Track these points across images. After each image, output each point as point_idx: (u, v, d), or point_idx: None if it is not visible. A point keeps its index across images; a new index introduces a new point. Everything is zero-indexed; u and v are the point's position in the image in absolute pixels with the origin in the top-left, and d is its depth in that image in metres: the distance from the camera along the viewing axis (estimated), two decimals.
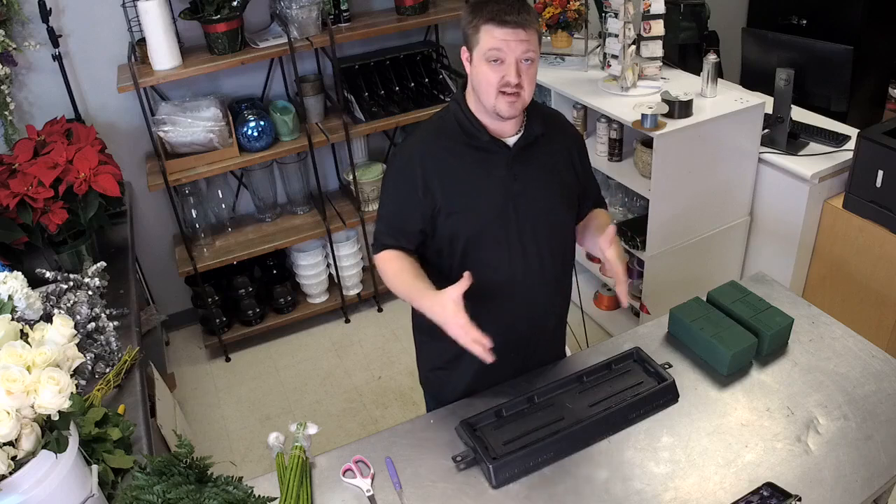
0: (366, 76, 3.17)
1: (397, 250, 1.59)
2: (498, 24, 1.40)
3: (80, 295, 1.89)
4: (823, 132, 2.70)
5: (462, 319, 1.39)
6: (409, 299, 1.55)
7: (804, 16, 3.89)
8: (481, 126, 1.53)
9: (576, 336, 2.72)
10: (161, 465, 1.28)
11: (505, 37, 1.40)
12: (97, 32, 2.76)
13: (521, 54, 1.42)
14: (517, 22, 1.39)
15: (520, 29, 1.40)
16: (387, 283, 1.61)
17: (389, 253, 1.59)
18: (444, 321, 1.42)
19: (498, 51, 1.42)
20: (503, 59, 1.42)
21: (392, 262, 1.58)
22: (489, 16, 1.41)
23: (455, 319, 1.39)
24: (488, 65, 1.44)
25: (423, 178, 1.52)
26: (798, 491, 1.38)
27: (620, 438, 1.54)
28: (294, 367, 3.21)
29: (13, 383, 1.15)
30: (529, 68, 1.45)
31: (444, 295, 1.42)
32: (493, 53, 1.42)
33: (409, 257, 1.59)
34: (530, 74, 1.46)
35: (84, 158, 2.15)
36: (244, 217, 3.35)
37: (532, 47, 1.43)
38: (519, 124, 1.56)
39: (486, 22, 1.42)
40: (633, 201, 3.02)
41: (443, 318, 1.42)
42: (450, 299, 1.40)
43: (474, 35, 1.45)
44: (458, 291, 1.41)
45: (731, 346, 1.66)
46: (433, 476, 1.49)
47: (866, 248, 2.49)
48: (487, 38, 1.42)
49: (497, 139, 1.54)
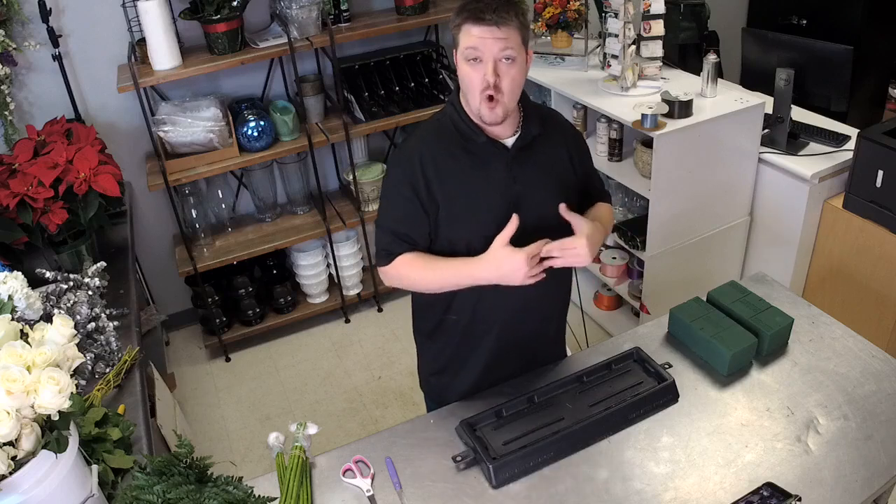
0: (366, 76, 3.17)
1: (412, 252, 1.56)
2: (475, 22, 1.39)
3: (80, 295, 1.89)
4: (823, 132, 2.70)
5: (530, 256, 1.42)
6: (459, 277, 1.52)
7: (804, 16, 3.89)
8: (477, 128, 1.51)
9: (576, 336, 2.72)
10: (161, 465, 1.28)
11: (481, 34, 1.38)
12: (97, 32, 2.76)
13: (498, 53, 1.39)
14: (493, 20, 1.37)
15: (495, 27, 1.37)
16: (415, 281, 1.57)
17: (406, 256, 1.55)
18: (514, 268, 1.43)
19: (474, 49, 1.40)
20: (481, 58, 1.40)
21: (415, 261, 1.54)
22: (467, 14, 1.40)
23: (526, 260, 1.42)
24: (468, 64, 1.42)
25: (425, 181, 1.50)
26: (798, 491, 1.38)
27: (620, 438, 1.54)
28: (294, 367, 3.21)
29: (13, 383, 1.15)
30: (510, 68, 1.42)
31: (497, 248, 1.44)
32: (471, 52, 1.40)
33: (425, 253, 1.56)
34: (511, 74, 1.42)
35: (84, 158, 2.15)
36: (244, 217, 3.35)
37: (511, 45, 1.40)
38: (516, 125, 1.55)
39: (465, 20, 1.41)
40: (633, 201, 3.02)
41: (512, 266, 1.43)
42: (505, 247, 1.43)
43: (457, 35, 1.44)
44: (506, 237, 1.44)
45: (731, 346, 1.66)
46: (433, 476, 1.49)
47: (866, 248, 2.49)
48: (465, 37, 1.41)
49: (495, 141, 1.53)
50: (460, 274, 1.51)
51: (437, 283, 1.56)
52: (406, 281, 1.59)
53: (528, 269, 1.43)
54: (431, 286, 1.58)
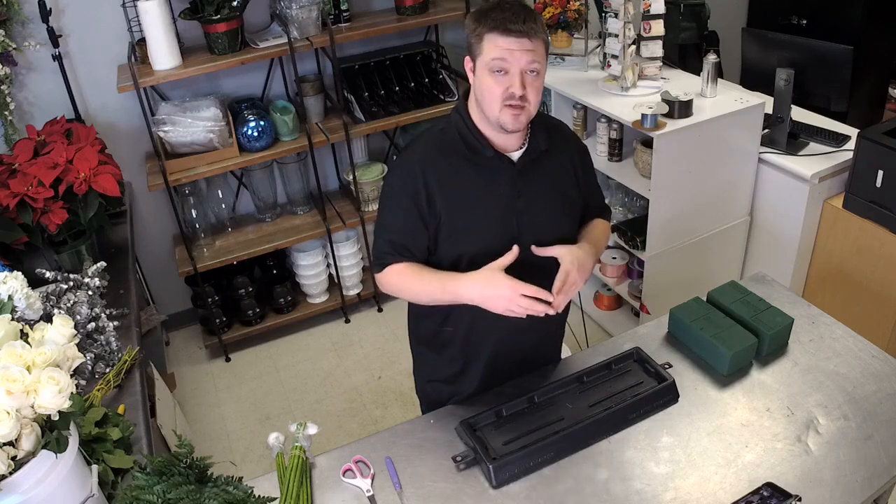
0: (366, 76, 3.17)
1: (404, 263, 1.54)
2: (502, 33, 1.36)
3: (80, 295, 1.89)
4: (823, 132, 2.70)
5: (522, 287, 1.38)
6: (444, 293, 1.48)
7: (804, 16, 3.89)
8: (485, 140, 1.48)
9: (576, 336, 2.72)
10: (161, 465, 1.28)
11: (510, 46, 1.36)
12: (97, 32, 2.76)
13: (526, 65, 1.37)
14: (523, 31, 1.35)
15: (525, 38, 1.35)
16: (404, 292, 1.55)
17: (397, 266, 1.53)
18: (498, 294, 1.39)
19: (502, 61, 1.37)
20: (507, 70, 1.38)
21: (406, 270, 1.52)
22: (493, 24, 1.36)
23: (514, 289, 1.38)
24: (492, 75, 1.39)
25: (427, 192, 1.47)
26: (798, 491, 1.38)
27: (620, 438, 1.54)
28: (294, 367, 3.21)
29: (13, 383, 1.15)
30: (535, 80, 1.40)
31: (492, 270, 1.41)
32: (498, 63, 1.37)
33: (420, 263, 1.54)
34: (536, 86, 1.40)
35: (84, 158, 2.15)
36: (244, 217, 3.35)
37: (538, 58, 1.38)
38: (523, 138, 1.52)
39: (490, 31, 1.37)
40: (633, 201, 3.02)
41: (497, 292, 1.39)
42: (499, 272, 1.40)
43: (478, 44, 1.40)
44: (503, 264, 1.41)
45: (731, 346, 1.66)
46: (433, 476, 1.49)
47: (866, 248, 2.49)
48: (491, 48, 1.38)
49: (501, 154, 1.50)
50: (445, 289, 1.48)
51: (424, 296, 1.54)
52: (395, 290, 1.57)
53: (510, 300, 1.39)
54: (420, 298, 1.56)
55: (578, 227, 1.66)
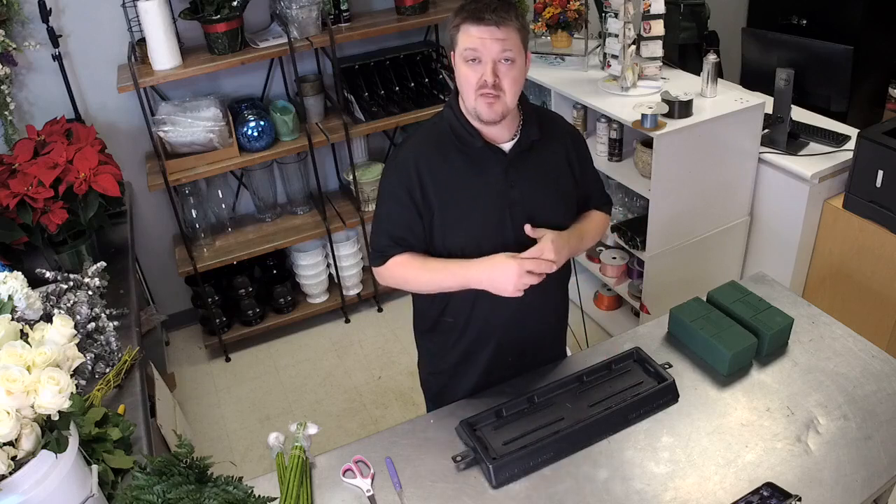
0: (366, 76, 3.17)
1: (407, 253, 1.55)
2: (474, 23, 1.38)
3: (80, 295, 1.89)
4: (823, 132, 2.70)
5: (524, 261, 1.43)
6: (452, 279, 1.51)
7: (804, 16, 3.89)
8: (475, 131, 1.50)
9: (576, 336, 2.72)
10: (161, 465, 1.28)
11: (480, 35, 1.37)
12: (97, 32, 2.76)
13: (497, 54, 1.38)
14: (492, 20, 1.36)
15: (494, 27, 1.36)
16: (410, 282, 1.57)
17: (400, 257, 1.55)
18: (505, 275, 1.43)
19: (474, 50, 1.39)
20: (480, 59, 1.39)
21: (410, 261, 1.54)
22: (466, 14, 1.39)
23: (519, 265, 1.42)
24: (466, 65, 1.41)
25: (420, 185, 1.49)
26: (798, 491, 1.38)
27: (620, 438, 1.54)
28: (294, 367, 3.21)
29: (13, 383, 1.15)
30: (510, 69, 1.41)
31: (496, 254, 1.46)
32: (470, 53, 1.39)
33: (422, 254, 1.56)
34: (511, 76, 1.41)
35: (84, 158, 2.15)
36: (244, 217, 3.35)
37: (510, 46, 1.39)
38: (514, 129, 1.53)
39: (463, 21, 1.40)
40: (633, 201, 3.02)
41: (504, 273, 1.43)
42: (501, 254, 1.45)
43: (455, 36, 1.43)
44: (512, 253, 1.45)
45: (731, 346, 1.66)
46: (433, 476, 1.49)
47: (866, 248, 2.49)
48: (464, 38, 1.40)
49: (492, 145, 1.51)
50: (454, 275, 1.51)
51: (431, 284, 1.56)
52: (400, 281, 1.58)
53: (518, 279, 1.42)
54: (425, 286, 1.58)
55: (576, 218, 1.66)
